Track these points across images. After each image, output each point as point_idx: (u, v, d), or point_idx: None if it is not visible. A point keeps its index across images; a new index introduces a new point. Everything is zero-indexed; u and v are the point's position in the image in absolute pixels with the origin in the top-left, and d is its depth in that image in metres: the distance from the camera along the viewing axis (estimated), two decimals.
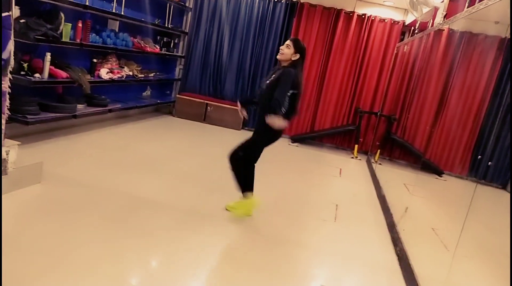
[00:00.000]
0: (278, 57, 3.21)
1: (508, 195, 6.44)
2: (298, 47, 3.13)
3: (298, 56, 3.13)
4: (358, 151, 7.02)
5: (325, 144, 7.34)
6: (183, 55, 7.39)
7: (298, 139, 7.14)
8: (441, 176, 6.51)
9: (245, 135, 7.19)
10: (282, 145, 6.85)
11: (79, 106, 4.73)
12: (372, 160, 6.48)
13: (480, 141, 5.78)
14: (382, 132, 6.95)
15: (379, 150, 6.67)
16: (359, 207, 4.28)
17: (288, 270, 2.69)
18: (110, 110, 5.29)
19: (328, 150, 7.08)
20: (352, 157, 6.87)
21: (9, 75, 2.77)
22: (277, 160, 5.84)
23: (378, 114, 7.02)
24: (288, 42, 3.16)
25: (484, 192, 6.49)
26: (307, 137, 7.21)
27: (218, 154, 5.31)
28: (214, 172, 4.44)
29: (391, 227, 3.64)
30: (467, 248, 3.64)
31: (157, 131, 6.09)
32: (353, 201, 4.44)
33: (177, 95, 7.28)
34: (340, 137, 7.35)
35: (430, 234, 3.84)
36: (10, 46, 2.64)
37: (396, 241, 3.29)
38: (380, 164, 6.00)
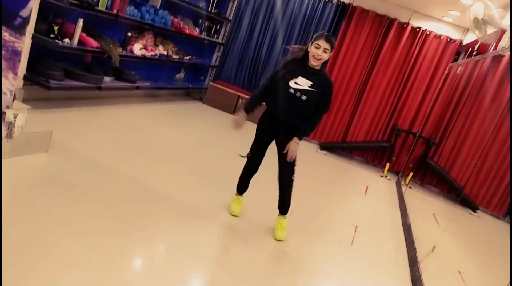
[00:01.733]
0: (313, 62, 2.70)
1: None
2: (334, 48, 2.75)
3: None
4: (388, 170, 6.60)
5: (355, 157, 6.95)
6: (222, 42, 7.15)
7: (328, 147, 6.78)
8: (475, 212, 6.02)
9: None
10: (309, 151, 6.52)
11: (106, 78, 4.57)
12: (402, 182, 6.06)
13: None
14: (417, 155, 6.50)
15: (411, 173, 6.23)
16: (380, 233, 3.91)
17: None
18: (137, 87, 5.12)
19: (357, 163, 6.69)
20: (382, 176, 6.45)
21: (29, 36, 2.57)
22: (301, 166, 5.51)
23: (417, 134, 6.56)
24: (326, 45, 2.65)
25: None
26: (337, 147, 6.84)
27: (240, 150, 5.07)
28: (231, 170, 4.18)
29: (413, 263, 3.27)
30: None
31: (183, 116, 5.89)
32: (375, 225, 4.07)
33: (210, 83, 7.06)
34: (372, 153, 6.93)
35: (455, 277, 3.45)
36: (32, 3, 2.44)
37: (416, 281, 2.93)
38: (410, 187, 5.57)
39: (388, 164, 6.60)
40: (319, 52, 2.66)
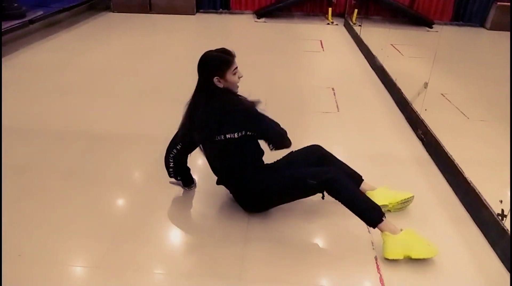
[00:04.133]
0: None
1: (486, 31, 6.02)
2: None
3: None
4: (332, 15, 6.21)
5: (295, 13, 6.44)
6: None
7: (264, 13, 6.18)
8: (431, 28, 5.90)
9: (201, 19, 6.15)
10: (247, 23, 5.93)
11: None
12: (350, 23, 5.73)
13: None
14: None
15: (356, 10, 5.89)
16: (358, 86, 3.70)
17: None
18: (31, 21, 4.18)
19: (300, 19, 6.22)
20: (328, 23, 6.08)
21: None
22: (248, 43, 5.03)
23: None
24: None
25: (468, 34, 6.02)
26: (274, 9, 6.25)
27: (176, 51, 4.46)
28: (180, 77, 3.68)
29: (403, 106, 3.13)
30: (482, 110, 3.26)
31: (96, 35, 5.02)
32: (349, 80, 3.84)
33: None
34: (310, 3, 6.43)
35: (442, 101, 3.39)
36: None
37: (415, 123, 2.80)
38: (359, 25, 5.27)
39: (330, 9, 6.19)
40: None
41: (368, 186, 1.96)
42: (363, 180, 1.97)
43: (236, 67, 1.76)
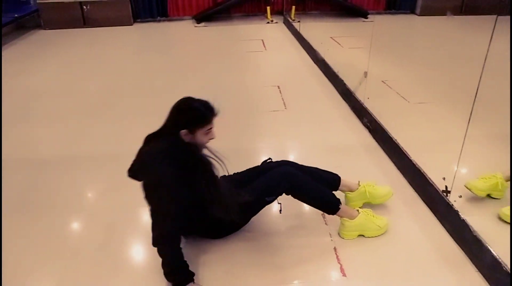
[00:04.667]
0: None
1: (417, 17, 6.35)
2: None
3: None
4: (271, 14, 6.28)
5: (234, 15, 6.46)
6: None
7: (203, 17, 6.15)
8: (367, 18, 6.12)
9: (140, 29, 6.01)
10: (187, 29, 5.87)
11: None
12: (290, 19, 5.84)
13: None
14: None
15: (294, 6, 5.99)
16: (302, 82, 3.77)
17: None
18: None
19: (240, 21, 6.25)
20: (268, 22, 6.15)
21: None
22: (190, 49, 5.00)
23: None
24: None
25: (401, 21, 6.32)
26: (213, 13, 6.23)
27: (117, 66, 4.33)
28: (123, 93, 3.58)
29: (347, 96, 3.22)
30: (420, 93, 3.43)
31: (29, 55, 4.76)
32: (292, 77, 3.90)
33: (38, 1, 5.68)
34: (249, 3, 6.48)
35: (382, 87, 3.53)
36: None
37: (360, 111, 2.90)
38: (299, 21, 5.38)
39: (268, 8, 6.26)
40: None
41: (346, 186, 1.93)
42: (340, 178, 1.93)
43: (211, 128, 1.56)
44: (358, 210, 1.78)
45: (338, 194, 1.83)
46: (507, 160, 2.00)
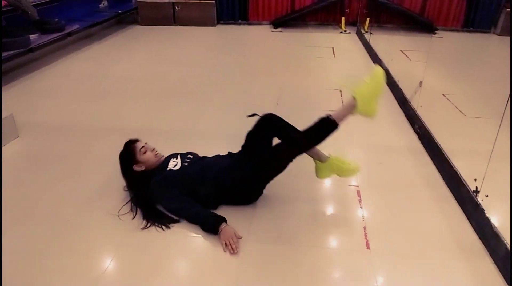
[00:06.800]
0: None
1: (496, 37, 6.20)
2: None
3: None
4: (345, 24, 6.52)
5: (310, 22, 6.79)
6: None
7: (280, 23, 6.56)
8: (435, 33, 6.15)
9: (222, 30, 6.54)
10: (264, 33, 6.31)
11: (32, 37, 4.12)
12: (362, 31, 6.04)
13: None
14: None
15: (368, 18, 6.18)
16: None
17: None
18: (69, 34, 4.66)
19: (314, 29, 6.57)
20: (341, 32, 6.39)
21: None
22: (264, 51, 5.41)
23: None
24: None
25: (477, 39, 6.22)
26: (289, 19, 6.62)
27: (198, 58, 4.86)
28: (204, 79, 4.06)
29: (403, 103, 3.41)
30: (480, 108, 3.49)
31: (125, 46, 5.48)
32: (356, 82, 4.13)
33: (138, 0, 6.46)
34: (325, 12, 6.77)
35: (442, 101, 3.65)
36: None
37: (413, 118, 3.09)
38: (371, 33, 5.57)
39: (343, 18, 6.50)
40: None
41: (317, 155, 2.13)
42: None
43: (143, 146, 2.11)
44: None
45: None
46: None
